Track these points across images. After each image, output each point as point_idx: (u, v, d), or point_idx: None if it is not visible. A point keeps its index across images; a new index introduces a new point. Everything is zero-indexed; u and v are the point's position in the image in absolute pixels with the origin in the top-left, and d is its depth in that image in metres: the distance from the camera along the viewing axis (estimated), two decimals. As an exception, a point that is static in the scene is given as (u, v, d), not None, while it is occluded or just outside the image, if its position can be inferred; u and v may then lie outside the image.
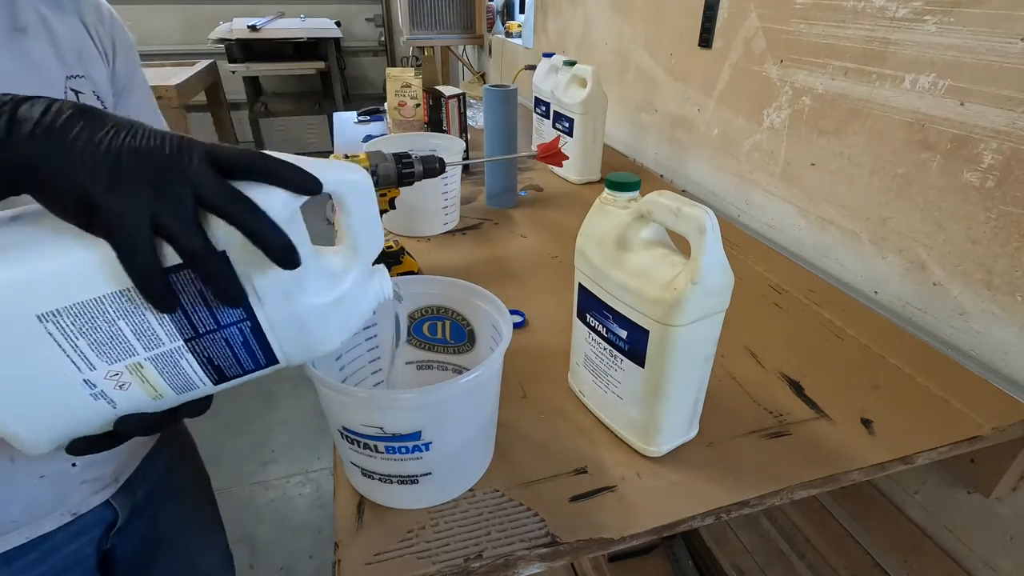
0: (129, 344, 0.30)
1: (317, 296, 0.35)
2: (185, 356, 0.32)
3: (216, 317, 0.32)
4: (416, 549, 0.42)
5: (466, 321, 0.52)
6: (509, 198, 1.04)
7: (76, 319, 0.29)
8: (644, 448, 0.50)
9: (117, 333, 0.30)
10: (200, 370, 0.33)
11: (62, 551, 0.57)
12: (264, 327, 0.33)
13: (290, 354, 0.36)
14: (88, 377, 0.30)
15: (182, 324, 0.31)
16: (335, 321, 0.37)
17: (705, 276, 0.41)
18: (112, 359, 0.30)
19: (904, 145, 0.71)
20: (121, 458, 0.61)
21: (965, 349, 0.66)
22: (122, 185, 0.26)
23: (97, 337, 0.29)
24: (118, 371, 0.31)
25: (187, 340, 0.32)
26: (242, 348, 0.34)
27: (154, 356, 0.31)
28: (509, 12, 2.58)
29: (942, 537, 0.67)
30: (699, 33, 1.08)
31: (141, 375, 0.31)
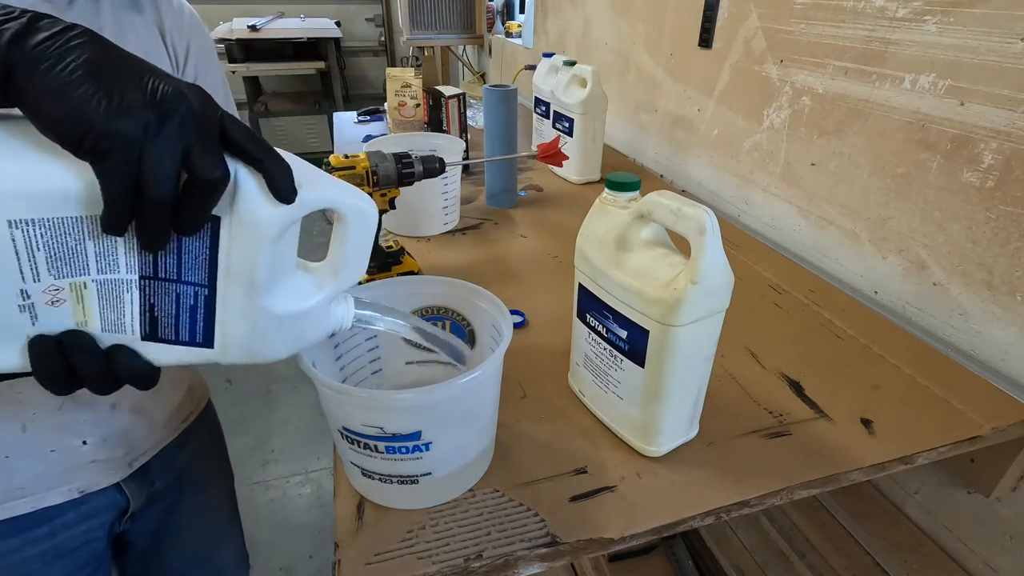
0: (86, 263, 0.29)
1: (278, 305, 0.34)
2: (131, 292, 0.31)
3: (180, 269, 0.31)
4: (416, 549, 0.42)
5: (466, 321, 0.52)
6: (509, 198, 1.04)
7: (47, 232, 0.28)
8: (644, 448, 0.50)
9: (80, 252, 0.29)
10: (136, 315, 0.32)
11: (71, 530, 0.58)
12: (217, 304, 0.32)
13: (229, 347, 0.34)
14: (27, 288, 0.29)
15: (146, 260, 0.30)
16: (288, 333, 0.36)
17: (705, 276, 0.41)
18: (61, 275, 0.29)
19: (904, 145, 0.71)
20: (135, 443, 0.61)
21: (965, 349, 0.66)
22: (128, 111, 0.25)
23: (59, 252, 0.28)
24: (60, 287, 0.29)
25: (142, 277, 0.31)
26: (187, 312, 0.32)
27: (103, 280, 0.30)
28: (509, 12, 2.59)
29: (942, 537, 0.67)
30: (699, 33, 1.08)
31: (80, 295, 0.30)
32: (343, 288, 0.37)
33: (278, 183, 0.30)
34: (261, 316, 0.33)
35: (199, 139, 0.27)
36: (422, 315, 0.53)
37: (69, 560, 0.58)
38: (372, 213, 0.35)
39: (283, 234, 0.32)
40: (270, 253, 0.32)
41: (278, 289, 0.33)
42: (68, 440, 0.54)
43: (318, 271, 0.36)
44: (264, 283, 0.32)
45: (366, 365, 0.52)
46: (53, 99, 0.24)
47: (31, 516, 0.54)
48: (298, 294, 0.35)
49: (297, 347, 0.37)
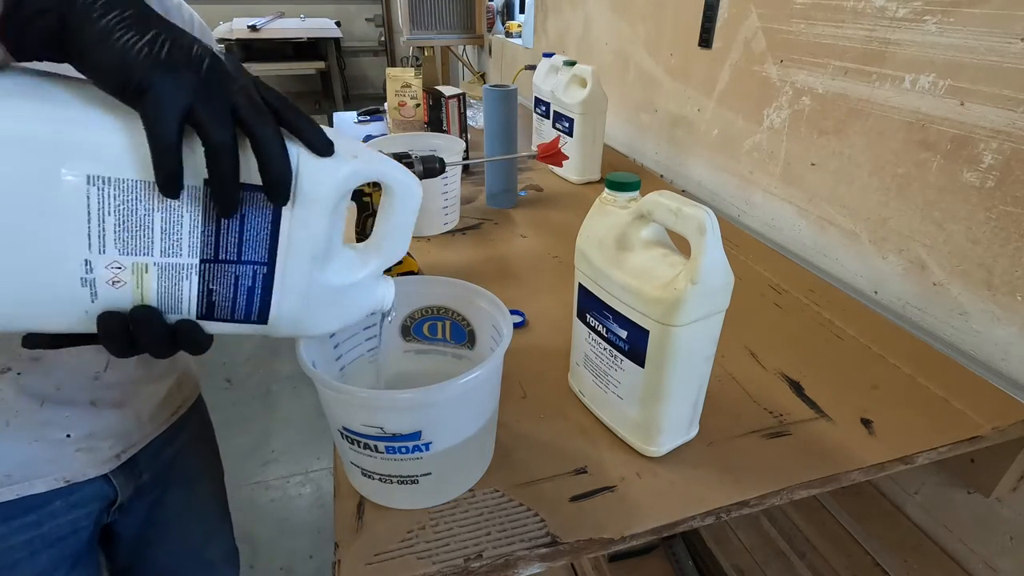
0: (150, 241, 0.30)
1: (331, 278, 0.35)
2: (191, 277, 0.32)
3: (241, 249, 0.32)
4: (416, 549, 0.42)
5: (466, 321, 0.52)
6: (509, 198, 1.04)
7: (121, 195, 0.28)
8: (644, 448, 0.50)
9: (147, 225, 0.29)
10: (194, 299, 0.32)
11: (58, 519, 0.58)
12: (276, 280, 0.33)
13: (281, 322, 0.35)
14: (91, 258, 0.29)
15: (208, 242, 0.31)
16: (336, 308, 0.37)
17: (705, 276, 0.41)
18: (126, 250, 0.30)
19: (904, 145, 0.71)
20: (121, 437, 0.61)
21: (965, 349, 0.66)
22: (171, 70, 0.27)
23: (127, 222, 0.29)
24: (123, 265, 0.30)
25: (203, 261, 0.32)
26: (244, 293, 0.33)
27: (165, 264, 0.31)
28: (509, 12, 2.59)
29: (942, 537, 0.67)
30: (699, 33, 1.08)
31: (141, 278, 0.31)
32: (387, 264, 0.38)
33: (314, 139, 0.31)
34: (316, 290, 0.35)
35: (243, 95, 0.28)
36: (422, 315, 0.53)
37: (56, 549, 0.59)
38: (418, 190, 0.37)
39: (338, 205, 0.33)
40: (328, 224, 0.34)
41: (331, 263, 0.35)
42: (52, 433, 0.55)
43: (363, 247, 0.38)
44: (322, 255, 0.34)
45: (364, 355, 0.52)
46: (102, 46, 0.26)
47: (18, 503, 0.55)
48: (347, 268, 0.37)
49: (343, 322, 0.38)
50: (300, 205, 0.32)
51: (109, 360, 0.57)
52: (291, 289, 0.34)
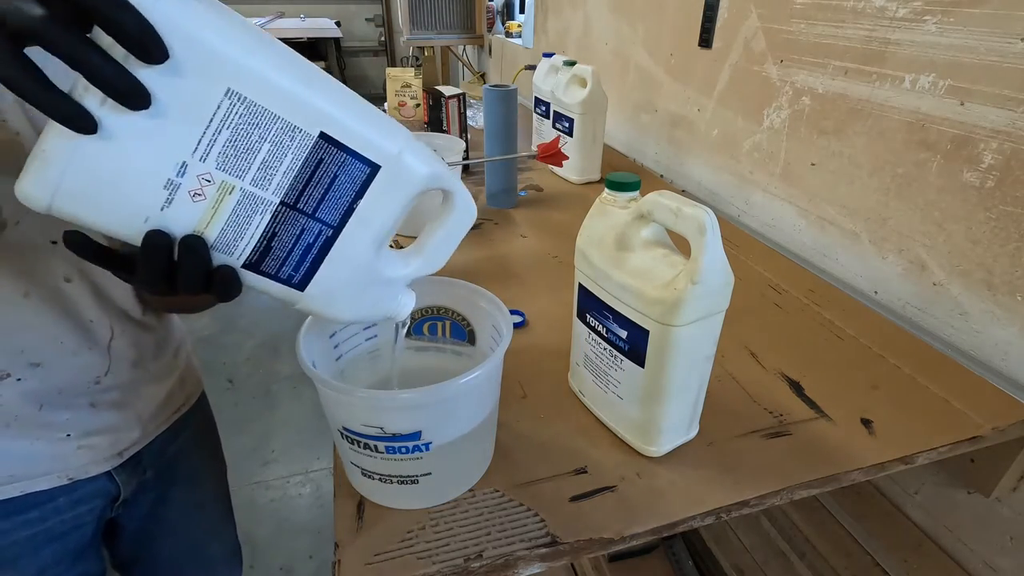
0: (247, 166, 0.31)
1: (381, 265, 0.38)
2: (264, 215, 0.33)
3: (320, 204, 0.34)
4: (416, 549, 0.42)
5: (466, 321, 0.52)
6: (509, 198, 1.04)
7: (246, 117, 0.30)
8: (644, 448, 0.50)
9: (253, 151, 0.31)
10: (254, 241, 0.33)
11: (62, 515, 0.59)
12: (334, 248, 0.35)
13: (314, 293, 0.36)
14: (189, 163, 0.30)
15: (295, 186, 0.33)
16: (362, 300, 0.38)
17: (705, 276, 0.41)
18: (223, 167, 0.30)
19: (904, 145, 0.71)
20: (122, 435, 0.61)
21: (965, 349, 0.66)
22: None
23: (237, 142, 0.30)
24: (213, 179, 0.31)
25: (282, 203, 0.33)
26: (301, 250, 0.34)
27: (249, 192, 0.32)
28: (509, 12, 2.59)
29: (942, 537, 0.67)
30: (699, 33, 1.08)
31: (219, 200, 0.31)
32: (424, 272, 0.41)
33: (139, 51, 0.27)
34: (362, 270, 0.37)
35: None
36: (422, 315, 0.53)
37: (59, 544, 0.59)
38: (475, 211, 0.41)
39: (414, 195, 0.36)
40: (401, 213, 0.36)
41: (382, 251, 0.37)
42: (53, 433, 0.55)
43: (407, 251, 0.40)
44: (385, 236, 0.36)
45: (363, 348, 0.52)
46: None
47: (21, 500, 0.55)
48: (390, 262, 0.39)
49: (361, 316, 0.40)
50: (390, 182, 0.34)
51: (110, 364, 0.57)
52: (343, 262, 0.36)
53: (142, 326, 0.61)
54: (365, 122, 0.34)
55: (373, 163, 0.34)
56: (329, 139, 0.32)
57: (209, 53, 0.28)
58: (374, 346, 0.52)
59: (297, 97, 0.31)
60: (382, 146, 0.34)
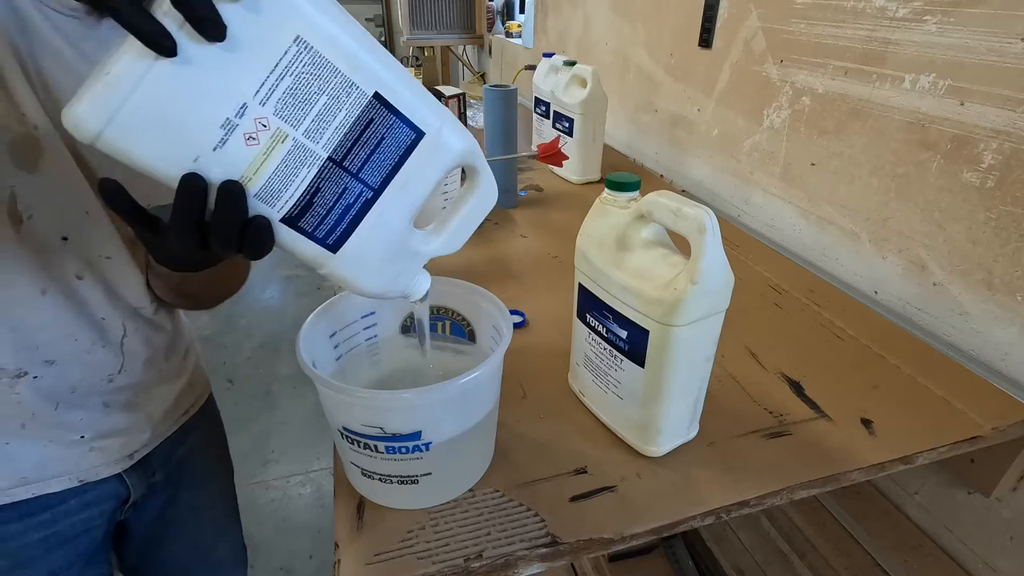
0: (303, 116, 0.31)
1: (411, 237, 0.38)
2: (311, 168, 0.33)
3: (365, 165, 0.34)
4: (416, 549, 0.42)
5: (466, 321, 0.52)
6: (509, 198, 1.04)
7: (309, 67, 0.30)
8: (644, 448, 0.50)
9: (310, 102, 0.31)
10: (298, 194, 0.33)
11: (73, 518, 0.59)
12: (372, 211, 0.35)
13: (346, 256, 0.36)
14: (249, 104, 0.30)
15: (344, 144, 0.33)
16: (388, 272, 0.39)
17: (705, 276, 0.41)
18: (280, 113, 0.31)
19: (904, 145, 0.71)
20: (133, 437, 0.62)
21: (965, 349, 0.66)
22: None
23: (297, 91, 0.31)
24: (269, 125, 0.31)
25: (330, 158, 0.33)
26: (341, 209, 0.34)
27: (301, 143, 0.32)
28: (509, 12, 2.59)
29: (942, 537, 0.67)
30: (699, 33, 1.08)
31: (271, 147, 0.31)
32: (445, 251, 0.41)
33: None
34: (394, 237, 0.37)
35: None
36: (422, 315, 0.53)
37: (70, 547, 0.59)
38: (496, 195, 0.41)
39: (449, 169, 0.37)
40: (437, 184, 0.37)
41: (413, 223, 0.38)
42: (66, 435, 0.55)
43: (430, 228, 0.41)
44: (418, 207, 0.37)
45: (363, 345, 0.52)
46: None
47: (33, 502, 0.55)
48: (418, 236, 0.40)
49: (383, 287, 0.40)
50: (430, 150, 0.35)
51: (123, 362, 0.57)
52: (378, 227, 0.36)
53: (153, 325, 0.61)
54: (414, 93, 0.35)
55: (419, 129, 0.35)
56: (382, 100, 0.33)
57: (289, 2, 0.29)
58: (374, 345, 0.53)
59: (358, 56, 0.32)
60: (427, 116, 0.35)
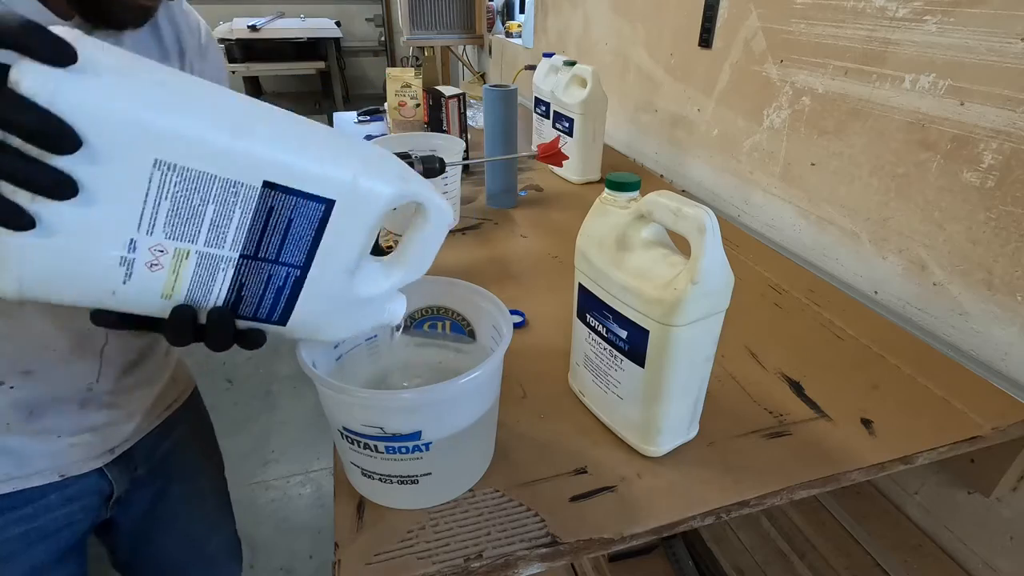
0: (197, 230, 0.30)
1: (359, 287, 0.37)
2: (226, 270, 0.32)
3: (281, 250, 0.33)
4: (416, 549, 0.42)
5: (466, 321, 0.52)
6: (509, 198, 1.04)
7: (182, 183, 0.29)
8: (644, 448, 0.50)
9: (199, 215, 0.30)
10: (224, 292, 0.33)
11: (54, 512, 0.59)
12: (306, 285, 0.35)
13: (298, 325, 0.36)
14: (137, 239, 0.29)
15: (252, 239, 0.32)
16: (350, 317, 0.38)
17: (705, 276, 0.41)
18: (172, 236, 0.30)
19: (904, 145, 0.71)
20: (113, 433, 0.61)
21: (965, 349, 0.66)
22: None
23: (181, 209, 0.30)
24: (166, 249, 0.30)
25: (242, 256, 0.32)
26: (273, 293, 0.34)
27: (206, 253, 0.31)
28: (509, 12, 2.58)
29: (942, 537, 0.67)
30: (699, 33, 1.08)
31: (180, 264, 0.31)
32: (409, 280, 0.40)
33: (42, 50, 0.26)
34: (341, 297, 0.36)
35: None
36: (422, 315, 0.53)
37: (52, 542, 0.59)
38: (451, 214, 0.39)
39: (380, 217, 0.35)
40: (368, 238, 0.35)
41: (358, 274, 0.37)
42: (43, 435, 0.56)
43: (388, 261, 0.39)
44: (355, 263, 0.35)
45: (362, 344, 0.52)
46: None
47: (15, 496, 0.55)
48: (372, 280, 0.38)
49: (353, 331, 0.40)
50: (351, 210, 0.33)
51: (100, 371, 0.57)
52: (318, 295, 0.35)
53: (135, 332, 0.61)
54: (312, 155, 0.32)
55: (326, 199, 0.33)
56: (274, 186, 0.31)
57: (126, 128, 0.27)
58: (373, 343, 0.52)
59: (230, 150, 0.29)
60: (333, 177, 0.33)
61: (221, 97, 0.31)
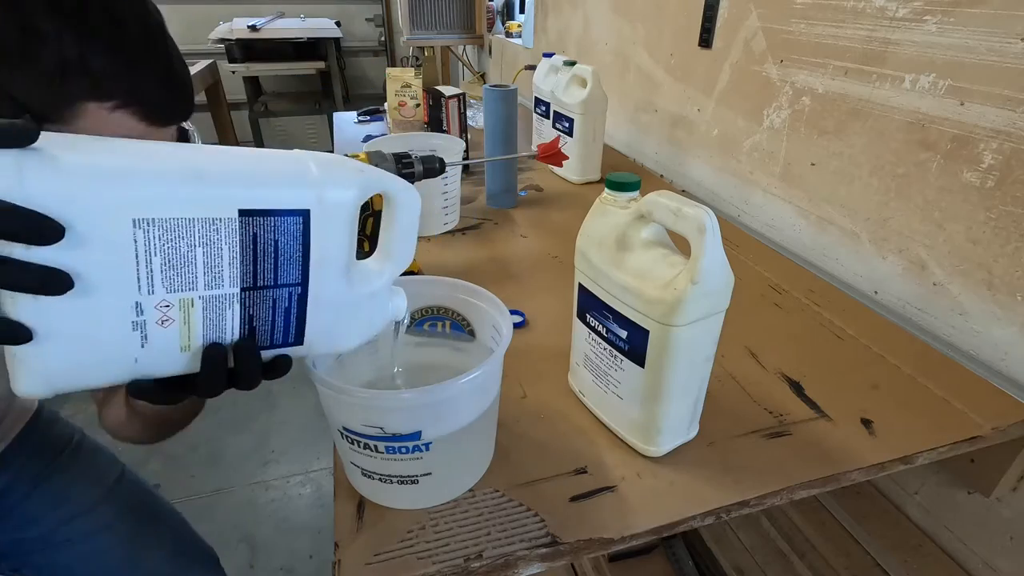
0: (194, 276, 0.31)
1: (358, 286, 0.38)
2: (233, 306, 0.33)
3: (277, 273, 0.34)
4: (416, 549, 0.42)
5: (466, 321, 0.52)
6: (509, 198, 1.04)
7: (165, 234, 0.30)
8: (644, 448, 0.50)
9: (190, 261, 0.31)
10: (237, 327, 0.34)
11: None
12: (310, 298, 0.35)
13: (315, 340, 0.37)
14: (142, 300, 0.30)
15: (247, 270, 0.33)
16: (360, 321, 0.39)
17: (705, 276, 0.41)
18: (172, 288, 0.31)
19: (904, 145, 0.71)
20: None
21: (965, 349, 0.66)
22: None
23: (172, 259, 0.30)
24: (171, 303, 0.31)
25: (243, 289, 0.33)
26: (282, 315, 0.35)
27: (209, 296, 0.32)
28: (509, 12, 2.58)
29: (942, 537, 0.67)
30: (699, 33, 1.08)
31: (188, 314, 0.32)
32: (399, 270, 0.41)
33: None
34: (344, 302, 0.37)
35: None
36: (422, 315, 0.53)
37: None
38: (417, 197, 0.39)
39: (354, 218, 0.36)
40: (350, 235, 0.36)
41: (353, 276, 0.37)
42: None
43: (375, 258, 0.40)
44: (347, 267, 0.36)
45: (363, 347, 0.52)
46: None
47: None
48: (367, 278, 0.39)
49: (368, 334, 0.40)
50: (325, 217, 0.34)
51: None
52: (324, 304, 0.36)
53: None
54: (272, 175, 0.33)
55: (301, 210, 0.33)
56: (249, 212, 0.32)
57: (100, 201, 0.28)
58: (374, 343, 0.52)
59: (200, 191, 0.30)
60: (299, 191, 0.33)
61: (176, 149, 0.32)
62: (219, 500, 1.59)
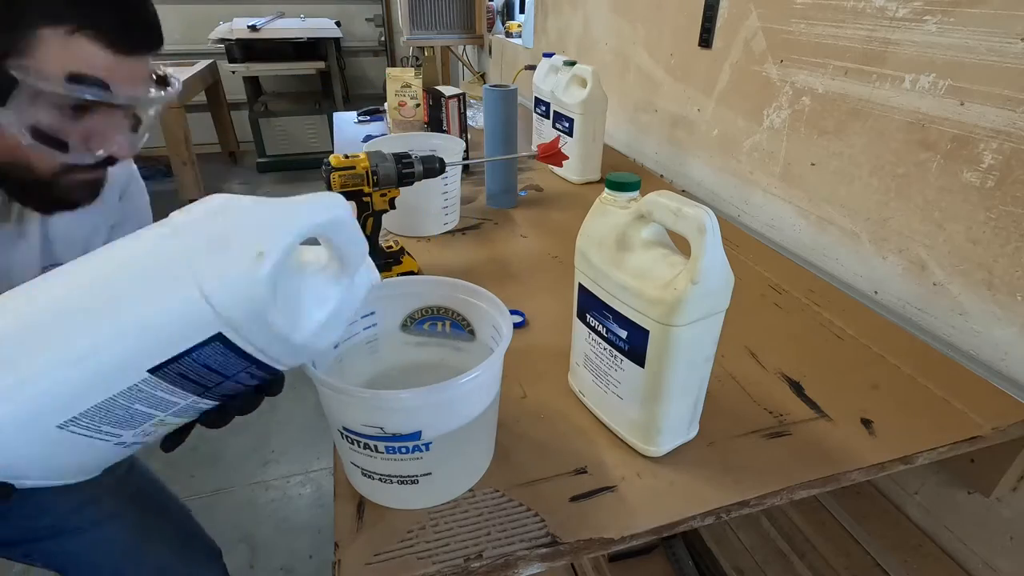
0: (149, 413, 0.33)
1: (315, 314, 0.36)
2: (201, 403, 0.35)
3: (223, 373, 0.34)
4: (416, 549, 0.42)
5: (466, 321, 0.52)
6: (509, 198, 1.04)
7: (92, 419, 0.31)
8: (644, 448, 0.50)
9: (135, 412, 0.32)
10: (215, 402, 0.37)
11: None
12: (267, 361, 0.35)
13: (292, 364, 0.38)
14: (119, 441, 0.34)
15: (193, 389, 0.34)
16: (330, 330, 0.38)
17: (705, 276, 0.41)
18: (136, 426, 0.33)
19: (904, 145, 0.71)
20: None
21: (965, 349, 0.66)
22: None
23: (117, 419, 0.32)
24: (147, 432, 0.35)
25: (198, 394, 0.34)
26: (250, 380, 0.36)
27: (175, 412, 0.35)
28: (509, 12, 2.58)
29: (942, 537, 0.67)
30: (699, 33, 1.08)
31: (164, 424, 0.35)
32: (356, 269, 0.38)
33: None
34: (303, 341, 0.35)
35: None
36: (422, 315, 0.53)
37: None
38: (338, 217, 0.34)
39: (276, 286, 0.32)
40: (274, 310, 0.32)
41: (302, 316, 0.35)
42: None
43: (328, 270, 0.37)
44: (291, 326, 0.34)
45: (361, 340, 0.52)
46: None
47: None
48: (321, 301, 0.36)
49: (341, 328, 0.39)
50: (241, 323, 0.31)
51: None
52: (284, 355, 0.35)
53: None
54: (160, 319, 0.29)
55: (212, 337, 0.30)
56: (159, 367, 0.30)
57: (25, 437, 0.30)
58: (372, 335, 0.53)
59: (99, 381, 0.30)
60: (196, 324, 0.30)
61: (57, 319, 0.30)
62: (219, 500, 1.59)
